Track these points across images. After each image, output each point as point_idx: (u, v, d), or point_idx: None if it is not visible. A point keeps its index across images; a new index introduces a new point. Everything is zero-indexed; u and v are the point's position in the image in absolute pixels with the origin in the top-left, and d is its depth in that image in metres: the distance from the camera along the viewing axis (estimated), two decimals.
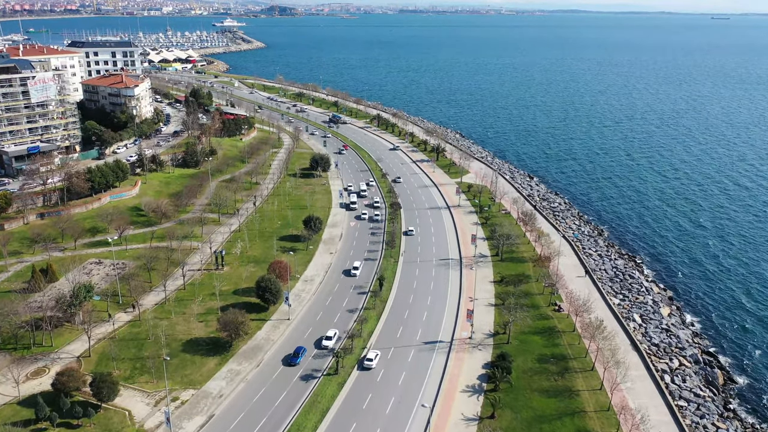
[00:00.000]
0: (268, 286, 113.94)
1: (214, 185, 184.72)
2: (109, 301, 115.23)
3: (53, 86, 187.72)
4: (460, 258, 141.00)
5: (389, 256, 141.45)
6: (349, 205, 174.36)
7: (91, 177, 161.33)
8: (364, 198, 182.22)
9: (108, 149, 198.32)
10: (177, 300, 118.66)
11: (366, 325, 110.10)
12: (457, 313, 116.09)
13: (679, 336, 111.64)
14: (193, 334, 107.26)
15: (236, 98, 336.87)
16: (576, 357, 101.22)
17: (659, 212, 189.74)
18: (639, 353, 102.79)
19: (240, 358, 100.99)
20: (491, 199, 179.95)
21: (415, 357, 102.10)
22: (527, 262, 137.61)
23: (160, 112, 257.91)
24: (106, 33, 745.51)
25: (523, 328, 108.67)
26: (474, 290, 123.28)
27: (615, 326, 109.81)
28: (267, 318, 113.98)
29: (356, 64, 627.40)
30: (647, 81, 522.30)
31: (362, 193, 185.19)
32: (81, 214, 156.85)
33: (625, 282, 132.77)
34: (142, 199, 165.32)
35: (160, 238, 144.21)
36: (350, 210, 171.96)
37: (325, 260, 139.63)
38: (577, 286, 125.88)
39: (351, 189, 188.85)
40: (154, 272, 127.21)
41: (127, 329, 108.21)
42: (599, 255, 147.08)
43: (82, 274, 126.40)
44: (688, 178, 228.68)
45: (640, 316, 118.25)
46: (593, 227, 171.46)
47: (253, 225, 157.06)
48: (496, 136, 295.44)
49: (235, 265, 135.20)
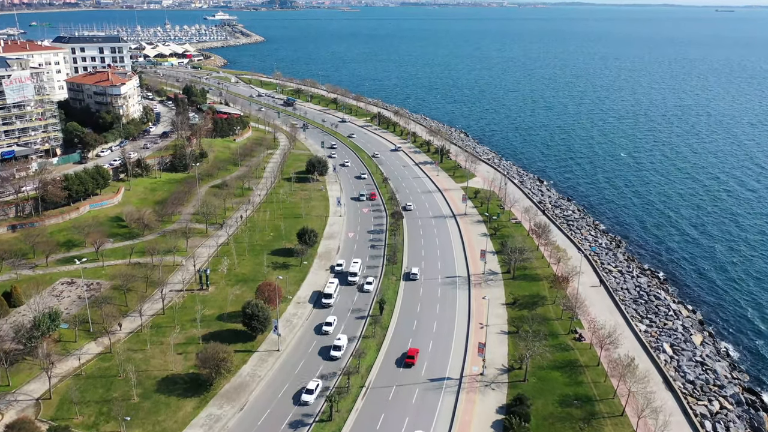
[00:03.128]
0: (255, 313, 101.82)
1: (203, 192, 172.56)
2: (77, 330, 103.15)
3: (31, 85, 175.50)
4: (468, 275, 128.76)
5: (390, 274, 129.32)
6: (348, 278, 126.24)
7: (67, 185, 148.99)
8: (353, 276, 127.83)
9: (91, 152, 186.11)
10: (154, 327, 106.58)
11: (364, 359, 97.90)
12: (466, 343, 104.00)
13: (716, 370, 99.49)
14: (169, 369, 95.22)
15: (232, 95, 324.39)
16: (603, 398, 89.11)
17: (679, 217, 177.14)
18: (673, 393, 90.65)
19: (221, 400, 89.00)
20: (500, 207, 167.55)
21: (420, 398, 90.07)
22: (542, 280, 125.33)
23: (149, 111, 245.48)
24: (103, 26, 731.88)
25: (541, 361, 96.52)
26: (485, 315, 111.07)
27: (644, 360, 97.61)
28: (254, 349, 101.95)
29: (356, 58, 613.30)
30: (654, 75, 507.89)
31: (351, 279, 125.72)
32: (57, 225, 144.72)
33: (651, 304, 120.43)
34: (124, 209, 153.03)
35: (141, 253, 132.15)
36: (349, 285, 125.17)
37: (320, 278, 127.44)
38: (599, 309, 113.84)
39: (341, 268, 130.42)
40: (131, 294, 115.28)
41: (95, 364, 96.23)
42: (620, 271, 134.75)
43: (52, 297, 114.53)
44: (710, 180, 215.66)
45: (671, 346, 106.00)
46: (610, 238, 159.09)
47: (242, 237, 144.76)
48: (500, 134, 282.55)
49: (222, 284, 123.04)
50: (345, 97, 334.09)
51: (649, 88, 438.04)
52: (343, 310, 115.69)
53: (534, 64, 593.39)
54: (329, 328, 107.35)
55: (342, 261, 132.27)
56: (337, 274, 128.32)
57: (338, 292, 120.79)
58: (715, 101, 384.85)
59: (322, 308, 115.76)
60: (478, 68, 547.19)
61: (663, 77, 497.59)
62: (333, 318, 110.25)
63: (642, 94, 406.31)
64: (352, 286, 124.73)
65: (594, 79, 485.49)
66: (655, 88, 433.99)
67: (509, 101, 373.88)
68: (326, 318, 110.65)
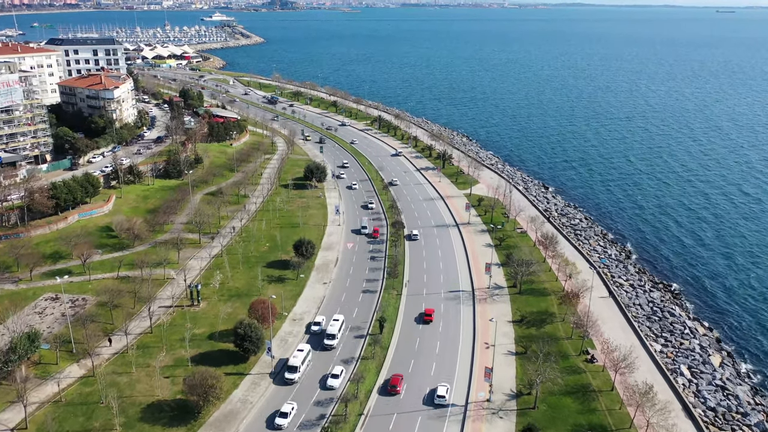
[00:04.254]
0: (248, 333, 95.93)
1: (197, 199, 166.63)
2: (59, 351, 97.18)
3: (19, 90, 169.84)
4: (472, 289, 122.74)
5: (391, 288, 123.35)
6: (324, 341, 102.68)
7: (55, 193, 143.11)
8: None
9: (82, 159, 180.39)
10: (141, 347, 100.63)
11: (362, 384, 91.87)
12: (472, 365, 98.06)
13: (738, 396, 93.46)
14: (155, 395, 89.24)
15: (229, 98, 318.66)
16: (619, 428, 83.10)
17: (690, 224, 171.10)
18: (694, 421, 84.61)
19: (210, 430, 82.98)
20: (504, 215, 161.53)
21: (423, 428, 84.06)
22: (550, 295, 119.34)
23: (144, 115, 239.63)
24: (103, 28, 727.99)
25: (551, 387, 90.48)
26: (490, 334, 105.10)
27: (661, 384, 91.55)
28: (246, 371, 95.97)
29: (356, 60, 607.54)
30: (654, 76, 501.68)
31: (327, 343, 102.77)
32: (43, 236, 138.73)
33: (665, 321, 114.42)
34: (114, 218, 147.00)
35: (130, 266, 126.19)
36: (325, 350, 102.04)
37: (317, 293, 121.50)
38: (611, 327, 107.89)
39: (318, 328, 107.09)
40: (117, 310, 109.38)
41: (77, 389, 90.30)
42: (631, 285, 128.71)
43: (34, 314, 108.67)
44: (724, 184, 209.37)
45: (689, 368, 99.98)
46: (619, 248, 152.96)
47: (236, 248, 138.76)
48: (503, 137, 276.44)
49: (214, 300, 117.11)
50: (345, 99, 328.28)
51: (648, 90, 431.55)
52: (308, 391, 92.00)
53: (536, 65, 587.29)
54: (284, 423, 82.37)
55: (321, 318, 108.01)
56: (312, 336, 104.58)
57: (309, 363, 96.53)
58: (728, 104, 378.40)
59: (284, 385, 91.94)
60: (479, 70, 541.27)
61: (663, 78, 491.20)
62: (291, 406, 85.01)
63: (643, 96, 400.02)
64: (329, 351, 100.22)
65: (596, 80, 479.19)
66: (656, 90, 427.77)
67: (511, 103, 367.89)
68: (283, 405, 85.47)
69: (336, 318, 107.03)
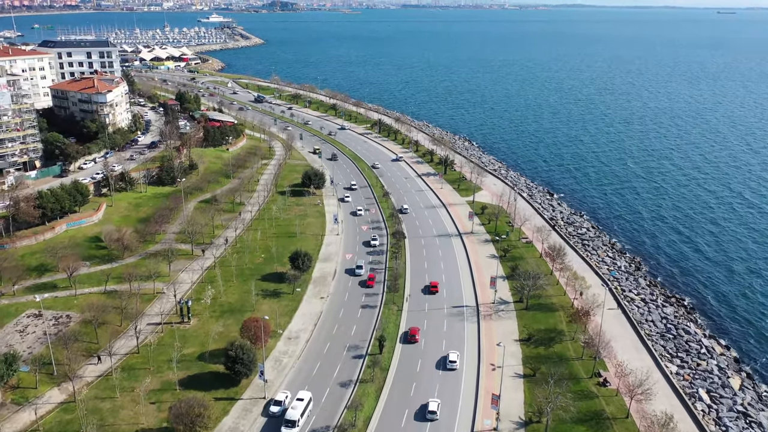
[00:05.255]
0: (239, 355, 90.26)
1: (191, 207, 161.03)
2: (38, 374, 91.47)
3: (7, 94, 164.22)
4: (476, 305, 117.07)
5: (391, 302, 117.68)
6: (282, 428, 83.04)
7: (41, 203, 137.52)
8: None
9: (73, 165, 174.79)
10: (127, 369, 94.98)
11: (361, 411, 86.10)
12: (477, 388, 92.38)
13: (762, 423, 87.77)
14: (140, 423, 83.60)
15: (227, 101, 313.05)
16: None
17: (702, 233, 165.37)
18: None
19: None
20: (509, 224, 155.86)
21: None
22: (558, 311, 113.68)
23: (139, 119, 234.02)
24: (101, 29, 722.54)
25: (562, 414, 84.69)
26: (496, 355, 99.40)
27: (680, 412, 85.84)
28: (237, 396, 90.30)
29: (356, 61, 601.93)
30: (655, 77, 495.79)
31: None
32: (29, 247, 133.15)
33: (680, 339, 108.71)
34: (103, 228, 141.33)
35: (118, 279, 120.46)
36: None
37: (314, 308, 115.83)
38: (623, 346, 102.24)
39: (278, 409, 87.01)
40: (103, 328, 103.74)
41: (56, 416, 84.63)
42: (643, 300, 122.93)
43: (15, 332, 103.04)
44: (735, 192, 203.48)
45: (708, 392, 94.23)
46: (629, 259, 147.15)
47: (230, 260, 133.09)
48: (506, 141, 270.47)
49: (205, 316, 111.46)
50: (345, 102, 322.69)
51: (652, 92, 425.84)
52: None
53: (537, 67, 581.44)
54: None
55: (284, 396, 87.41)
56: (270, 419, 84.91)
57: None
58: (736, 106, 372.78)
59: None
60: (480, 72, 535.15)
61: (665, 79, 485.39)
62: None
63: (645, 99, 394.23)
64: None
65: (598, 82, 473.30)
66: (655, 92, 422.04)
67: (513, 106, 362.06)
68: None
69: (300, 397, 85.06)
